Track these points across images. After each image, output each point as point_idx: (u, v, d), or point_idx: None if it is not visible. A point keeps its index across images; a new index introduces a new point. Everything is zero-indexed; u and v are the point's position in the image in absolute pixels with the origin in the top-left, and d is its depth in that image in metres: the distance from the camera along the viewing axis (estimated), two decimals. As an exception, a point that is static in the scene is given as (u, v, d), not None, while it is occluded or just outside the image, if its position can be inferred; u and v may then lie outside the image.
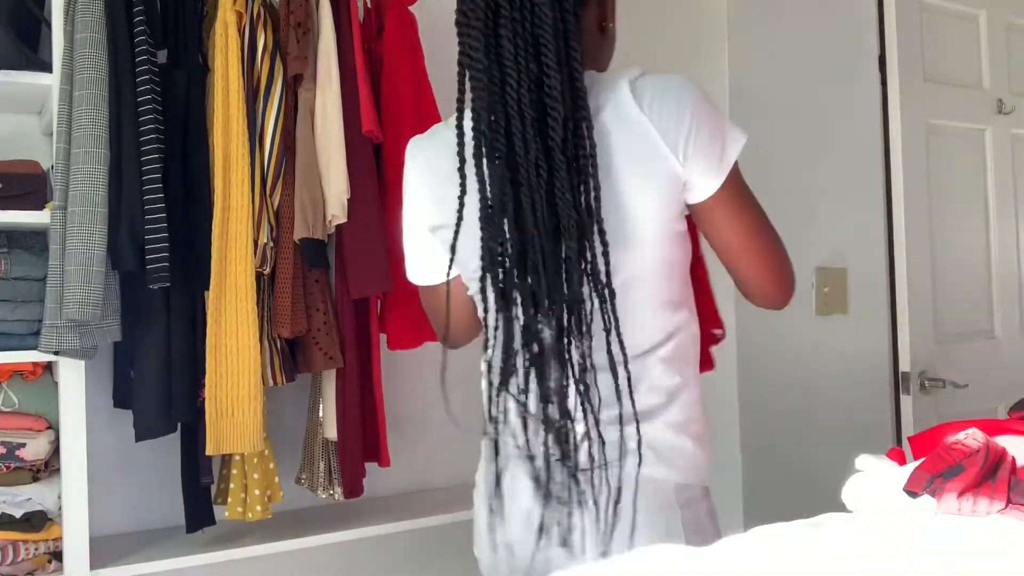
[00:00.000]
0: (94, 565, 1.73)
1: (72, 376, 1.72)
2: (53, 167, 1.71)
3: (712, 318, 1.34)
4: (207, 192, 1.80)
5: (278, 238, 1.88)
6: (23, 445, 1.71)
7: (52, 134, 1.74)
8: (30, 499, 1.72)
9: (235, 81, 1.79)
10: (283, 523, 2.03)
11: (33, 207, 1.71)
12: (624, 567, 1.11)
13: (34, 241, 1.81)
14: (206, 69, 1.86)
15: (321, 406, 2.01)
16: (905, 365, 2.32)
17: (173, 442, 1.87)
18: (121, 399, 1.90)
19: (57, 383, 1.76)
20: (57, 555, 1.75)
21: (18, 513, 1.69)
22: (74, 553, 1.71)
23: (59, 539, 1.73)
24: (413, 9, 2.07)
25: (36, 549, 1.72)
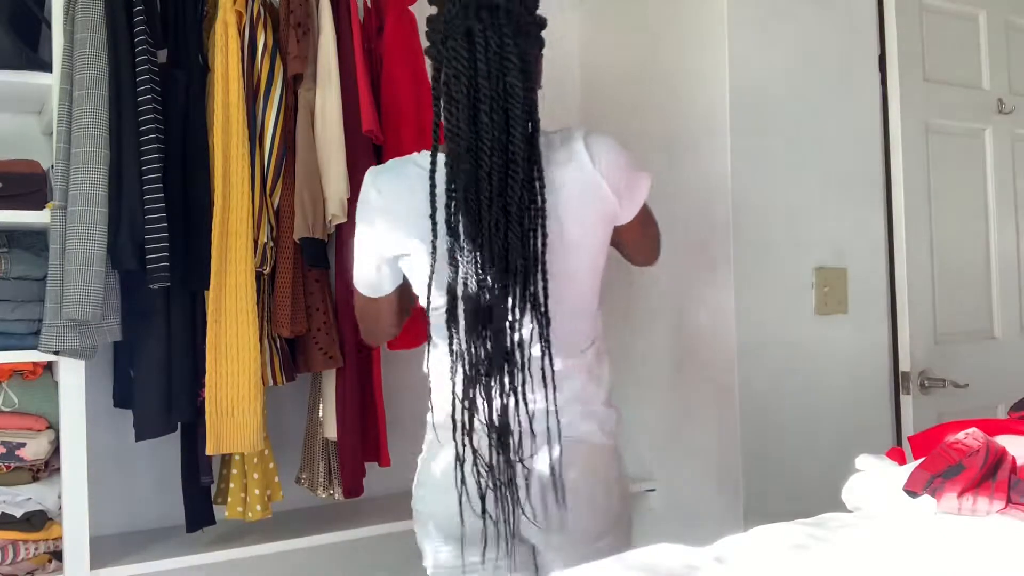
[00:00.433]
0: (94, 565, 1.73)
1: (72, 376, 1.72)
2: (53, 167, 1.71)
3: None
4: (207, 192, 1.80)
5: (278, 238, 1.88)
6: (23, 445, 1.71)
7: (52, 134, 1.74)
8: (30, 499, 1.72)
9: (235, 81, 1.79)
10: (283, 523, 2.03)
11: (33, 207, 1.71)
12: (625, 567, 1.11)
13: (34, 241, 1.81)
14: (206, 69, 1.86)
15: (321, 406, 2.01)
16: (905, 365, 2.33)
17: (173, 442, 1.88)
18: (121, 399, 1.90)
19: (57, 383, 1.76)
20: (57, 555, 1.75)
21: (18, 513, 1.69)
22: (74, 553, 1.71)
23: (59, 539, 1.73)
24: (413, 9, 2.07)
25: (36, 549, 1.73)
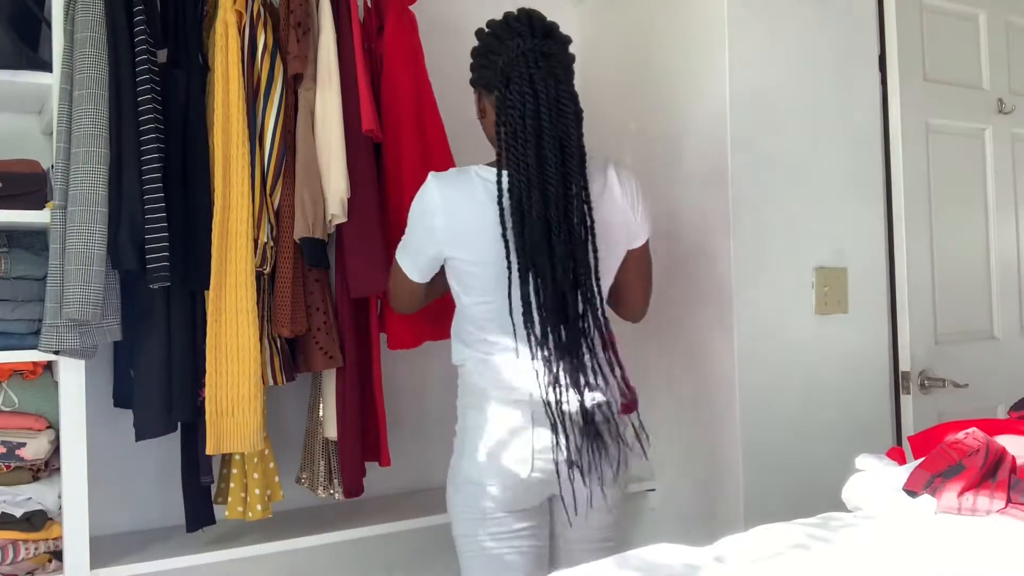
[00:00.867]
0: (94, 564, 1.74)
1: (72, 376, 1.72)
2: (53, 166, 1.71)
3: None
4: (207, 192, 1.80)
5: (278, 237, 1.88)
6: (23, 444, 1.71)
7: (52, 133, 1.74)
8: (30, 498, 1.72)
9: (235, 81, 1.79)
10: (283, 523, 2.03)
11: (33, 207, 1.71)
12: (625, 566, 1.12)
13: (34, 241, 1.81)
14: (206, 69, 1.86)
15: (321, 405, 2.01)
16: (905, 364, 2.33)
17: (173, 442, 1.88)
18: (121, 399, 1.90)
19: (57, 383, 1.76)
20: (57, 554, 1.75)
21: (18, 512, 1.69)
22: (74, 552, 1.71)
23: (59, 538, 1.73)
24: (413, 9, 2.07)
25: (36, 548, 1.73)
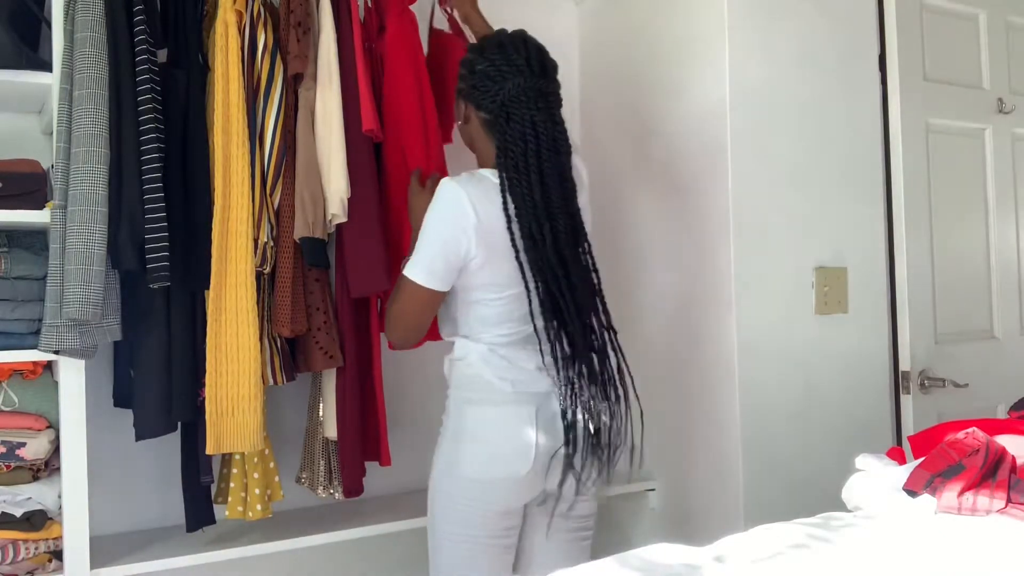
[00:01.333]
0: (94, 564, 1.74)
1: (72, 375, 1.72)
2: (53, 166, 1.71)
3: None
4: (207, 191, 1.80)
5: (278, 237, 1.88)
6: (23, 444, 1.71)
7: (52, 133, 1.74)
8: (30, 498, 1.72)
9: (235, 80, 1.79)
10: (283, 523, 2.03)
11: (33, 206, 1.71)
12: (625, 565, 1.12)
13: (34, 240, 1.81)
14: (206, 69, 1.86)
15: (321, 405, 2.01)
16: (905, 364, 2.33)
17: (173, 441, 1.88)
18: (121, 399, 1.90)
19: (57, 382, 1.76)
20: (57, 554, 1.75)
21: (18, 512, 1.69)
22: (74, 552, 1.71)
23: (59, 538, 1.73)
24: (414, 8, 2.06)
25: (36, 548, 1.72)
